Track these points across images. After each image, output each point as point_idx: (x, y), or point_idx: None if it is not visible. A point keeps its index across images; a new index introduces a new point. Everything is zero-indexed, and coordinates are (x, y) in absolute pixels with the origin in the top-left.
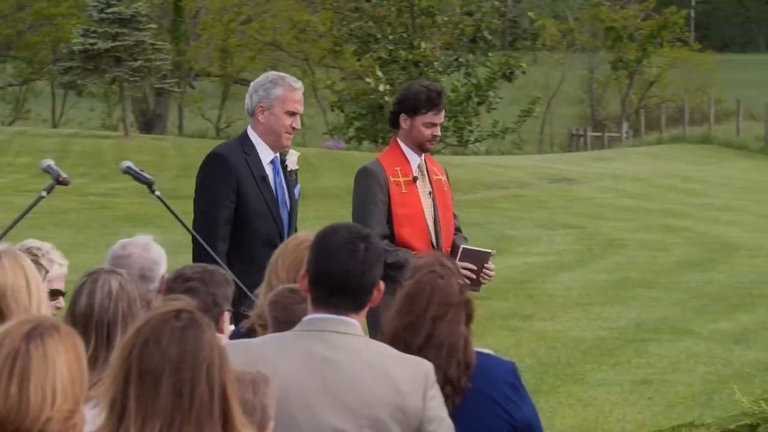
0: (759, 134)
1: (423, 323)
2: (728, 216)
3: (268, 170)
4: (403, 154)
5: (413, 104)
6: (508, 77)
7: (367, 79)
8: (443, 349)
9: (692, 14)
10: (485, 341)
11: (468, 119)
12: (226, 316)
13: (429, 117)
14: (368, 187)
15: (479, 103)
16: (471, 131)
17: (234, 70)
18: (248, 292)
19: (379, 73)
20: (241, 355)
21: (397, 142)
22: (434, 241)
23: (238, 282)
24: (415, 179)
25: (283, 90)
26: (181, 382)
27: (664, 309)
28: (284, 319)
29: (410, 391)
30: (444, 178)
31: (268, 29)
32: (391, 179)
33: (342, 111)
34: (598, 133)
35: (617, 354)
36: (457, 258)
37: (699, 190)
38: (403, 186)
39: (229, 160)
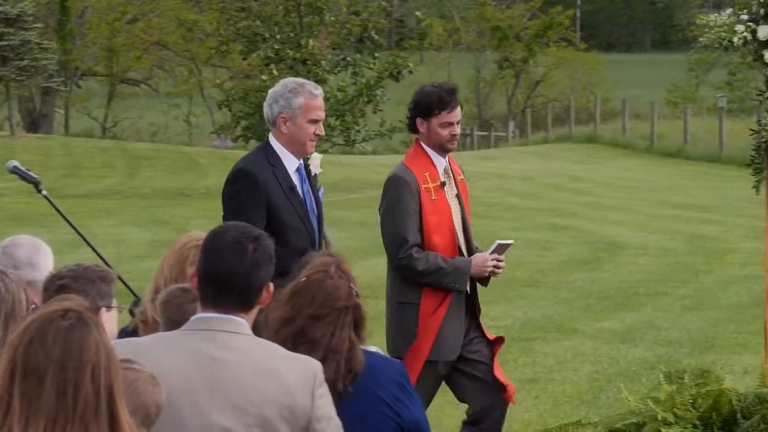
0: (644, 133)
1: (299, 319)
2: (614, 215)
3: (295, 179)
4: (429, 157)
5: (426, 106)
6: (395, 77)
7: (263, 77)
8: (318, 350)
9: (578, 14)
10: (373, 340)
11: (355, 119)
12: (103, 312)
13: (444, 117)
14: (400, 196)
15: (367, 103)
16: (358, 131)
17: (120, 69)
18: (134, 293)
19: (275, 71)
20: (128, 353)
21: (420, 144)
22: (462, 245)
23: (123, 280)
24: (443, 184)
25: (304, 98)
26: (65, 382)
27: (550, 308)
28: (177, 318)
29: (298, 390)
30: (463, 177)
31: (155, 29)
32: (422, 186)
33: (229, 110)
34: (485, 133)
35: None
36: (489, 251)
37: (585, 189)
38: (432, 192)
39: (257, 175)
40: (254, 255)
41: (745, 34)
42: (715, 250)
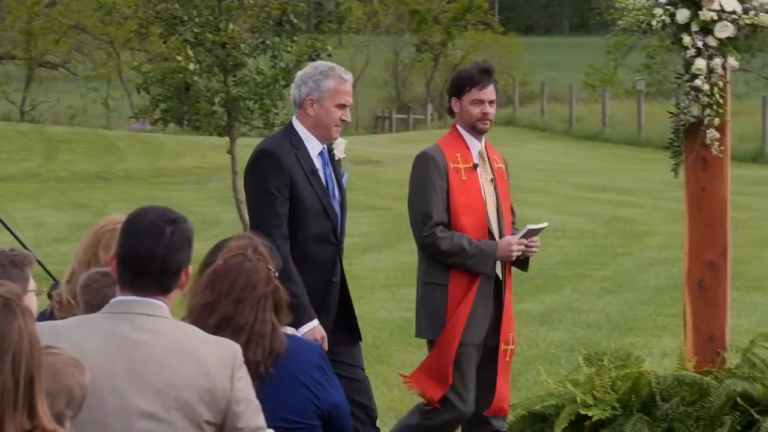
0: (563, 116)
1: (223, 304)
2: (533, 197)
3: (317, 163)
4: (463, 139)
5: (457, 85)
6: (314, 60)
7: (178, 57)
8: (243, 334)
9: None
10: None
11: (274, 102)
12: None
13: (474, 94)
14: (427, 174)
15: (285, 86)
16: (277, 114)
17: (38, 53)
18: (53, 276)
19: (190, 52)
20: (47, 337)
21: (456, 127)
22: (494, 229)
23: (42, 264)
24: (475, 166)
25: (334, 82)
26: None
27: None
28: (96, 302)
29: (218, 372)
30: (503, 167)
31: (73, 12)
32: (451, 165)
33: (148, 93)
34: (404, 116)
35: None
36: (519, 236)
37: None
38: (463, 173)
39: (280, 157)
40: (171, 238)
41: (664, 17)
42: (634, 233)
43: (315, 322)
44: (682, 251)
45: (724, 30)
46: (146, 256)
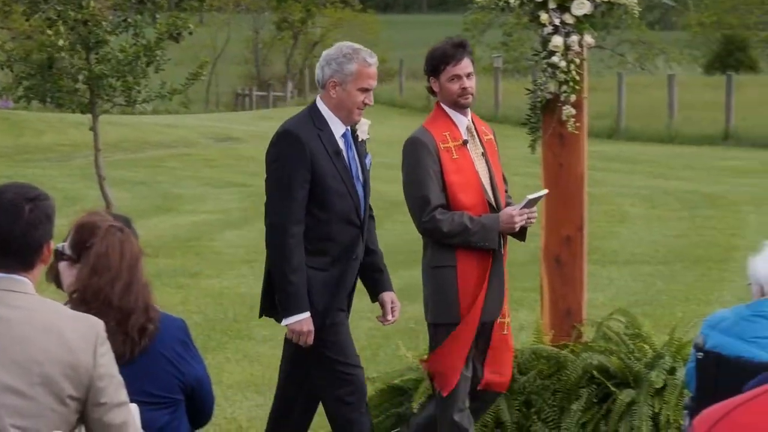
0: (421, 93)
1: (122, 274)
2: (392, 173)
3: (341, 144)
4: (449, 117)
5: (432, 64)
6: (176, 38)
7: (48, 31)
8: (139, 298)
9: None
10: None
11: (137, 79)
12: None
13: (450, 71)
14: (418, 159)
15: (148, 64)
16: (139, 91)
17: None
18: None
19: (61, 28)
20: None
21: (440, 106)
22: (493, 202)
23: None
24: (465, 142)
25: (358, 65)
26: None
27: None
28: None
29: (80, 348)
30: (493, 137)
31: None
32: (441, 146)
33: (11, 71)
34: (264, 93)
35: None
36: (520, 206)
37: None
38: (453, 151)
39: (302, 137)
40: (30, 215)
41: None
42: None
43: (306, 315)
44: (540, 226)
45: (581, 8)
46: (6, 234)
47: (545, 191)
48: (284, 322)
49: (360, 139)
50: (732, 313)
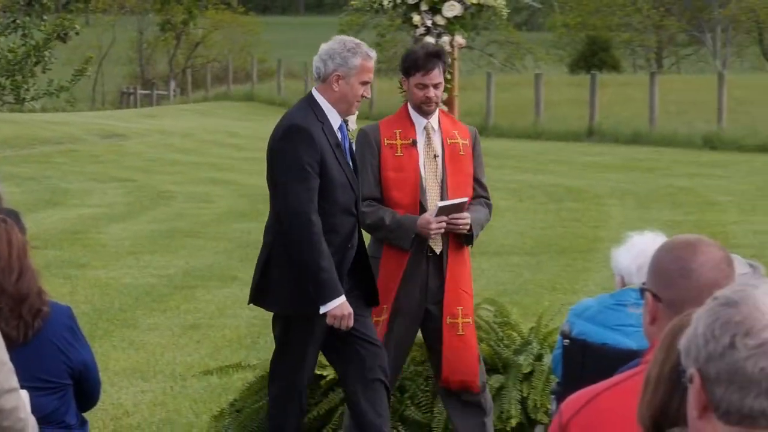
0: (299, 91)
1: (14, 264)
2: None
3: (339, 136)
4: (409, 116)
5: (405, 67)
6: (63, 38)
7: None
8: (32, 283)
9: None
10: None
11: (25, 78)
12: None
13: (418, 78)
14: (359, 150)
15: (36, 63)
16: (27, 90)
17: None
18: None
19: None
20: None
21: (406, 104)
22: (428, 205)
23: None
24: (414, 142)
25: (361, 59)
26: None
27: (211, 257)
28: None
29: None
30: (465, 141)
31: None
32: (385, 142)
33: None
34: (148, 91)
35: (167, 300)
36: (435, 214)
37: (243, 144)
38: (398, 149)
39: (311, 131)
40: None
41: None
42: None
43: (343, 298)
44: None
45: (452, 9)
46: None
47: (463, 199)
48: (324, 309)
49: (350, 129)
50: (596, 302)
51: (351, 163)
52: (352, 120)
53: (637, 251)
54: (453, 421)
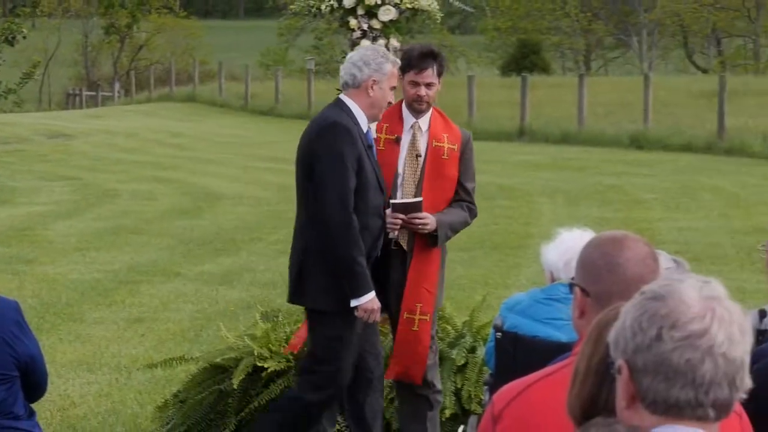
0: (239, 93)
1: None
2: (212, 168)
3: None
4: (400, 112)
5: (402, 64)
6: (10, 42)
7: None
8: None
9: None
10: None
11: None
12: None
13: (411, 76)
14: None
15: None
16: None
17: None
18: None
19: None
20: None
21: (401, 102)
22: (397, 201)
23: None
24: (397, 139)
25: (391, 65)
26: None
27: (155, 253)
28: None
29: None
30: (454, 146)
31: None
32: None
33: None
34: (93, 93)
35: (112, 294)
36: (390, 211)
37: (186, 144)
38: (381, 142)
39: (352, 130)
40: None
41: (332, 2)
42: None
43: (373, 293)
44: None
45: (387, 14)
46: None
47: (418, 199)
48: (355, 302)
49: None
50: (528, 296)
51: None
52: (372, 128)
53: (565, 247)
54: (399, 411)
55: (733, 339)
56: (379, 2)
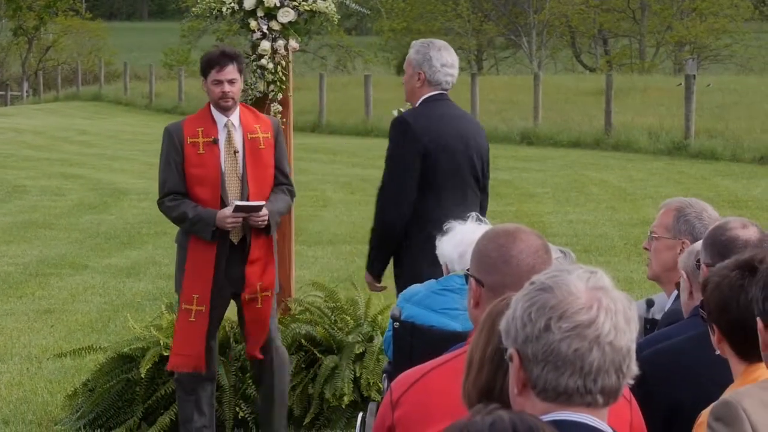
0: (144, 92)
1: None
2: (118, 164)
3: None
4: (211, 115)
5: (202, 67)
6: None
7: None
8: None
9: None
10: None
11: None
12: None
13: (213, 75)
14: (164, 147)
15: None
16: None
17: None
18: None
19: None
20: None
21: (208, 105)
22: (228, 199)
23: None
24: (215, 141)
25: None
26: None
27: (63, 247)
28: None
29: None
30: (267, 135)
31: None
32: (188, 140)
33: None
34: (2, 92)
35: (23, 287)
36: (232, 210)
37: (93, 141)
38: (200, 146)
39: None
40: None
41: (233, 4)
42: None
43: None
44: None
45: (286, 16)
46: None
47: (261, 203)
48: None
49: None
50: (424, 287)
51: None
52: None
53: (459, 239)
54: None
55: (619, 328)
56: (278, 4)
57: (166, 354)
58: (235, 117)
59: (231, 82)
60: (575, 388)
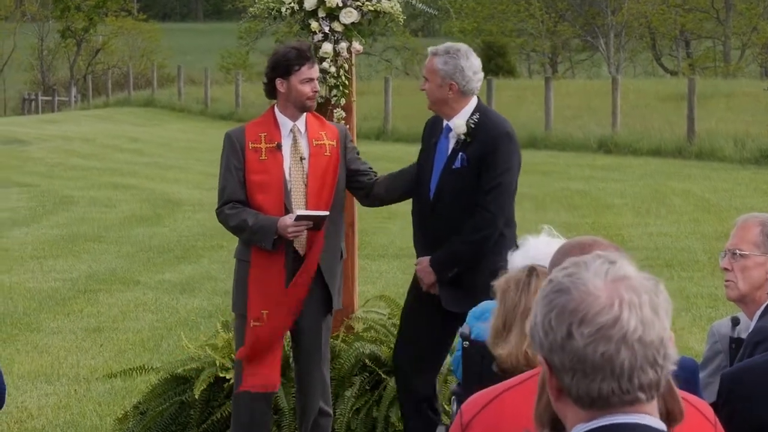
0: (198, 97)
1: None
2: (172, 174)
3: None
4: (275, 119)
5: (285, 65)
6: None
7: None
8: None
9: None
10: None
11: None
12: None
13: (305, 72)
14: (224, 153)
15: None
16: None
17: None
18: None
19: None
20: None
21: (272, 109)
22: (292, 207)
23: None
24: (278, 146)
25: None
26: None
27: (113, 261)
28: None
29: None
30: (333, 142)
31: None
32: (250, 146)
33: None
34: (49, 98)
35: (70, 304)
36: (294, 219)
37: (145, 150)
38: (263, 152)
39: None
40: None
41: (293, 4)
42: None
43: None
44: None
45: (349, 16)
46: None
47: (325, 213)
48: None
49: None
50: (494, 304)
51: None
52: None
53: (532, 254)
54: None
55: (646, 321)
56: (340, 5)
57: (221, 375)
58: (301, 122)
59: (318, 79)
60: (611, 392)
